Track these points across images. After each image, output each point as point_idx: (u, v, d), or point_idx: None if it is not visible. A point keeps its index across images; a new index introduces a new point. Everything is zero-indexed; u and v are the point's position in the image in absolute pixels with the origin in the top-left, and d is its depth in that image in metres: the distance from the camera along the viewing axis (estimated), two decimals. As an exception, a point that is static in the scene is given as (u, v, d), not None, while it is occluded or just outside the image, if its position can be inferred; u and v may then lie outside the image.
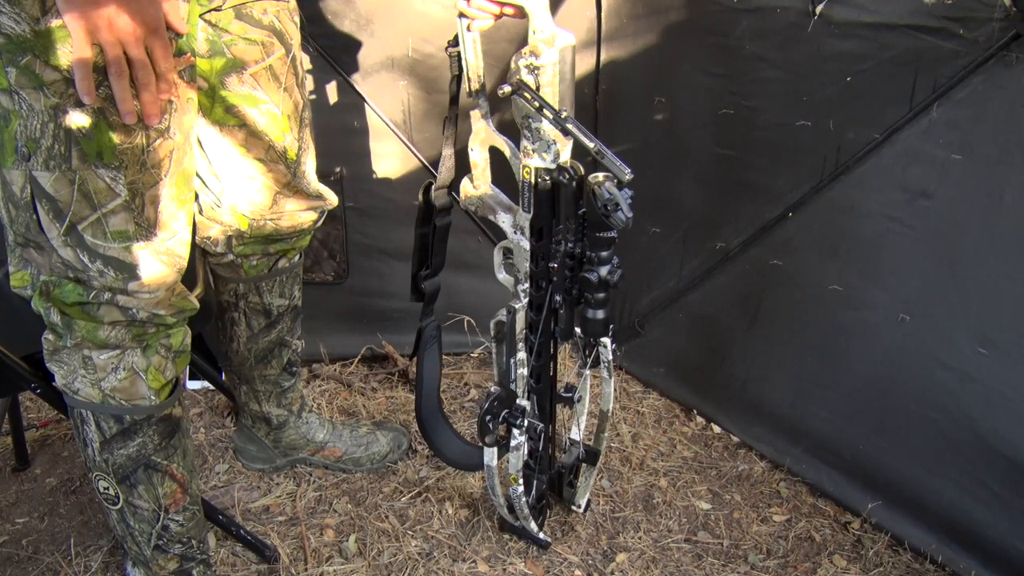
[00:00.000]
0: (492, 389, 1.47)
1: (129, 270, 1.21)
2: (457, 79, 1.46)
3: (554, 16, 2.01)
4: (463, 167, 1.52)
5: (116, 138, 1.13)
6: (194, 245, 1.32)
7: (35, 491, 1.90)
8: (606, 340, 1.56)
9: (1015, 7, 1.36)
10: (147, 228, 1.21)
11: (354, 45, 2.01)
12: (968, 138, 1.52)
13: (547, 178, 1.37)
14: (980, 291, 1.56)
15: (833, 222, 1.77)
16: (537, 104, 1.28)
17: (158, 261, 1.24)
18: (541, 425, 1.59)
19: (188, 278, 1.34)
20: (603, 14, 2.02)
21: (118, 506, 1.41)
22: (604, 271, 1.38)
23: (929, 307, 1.64)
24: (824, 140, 1.72)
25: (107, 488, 1.39)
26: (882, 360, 1.73)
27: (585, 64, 2.09)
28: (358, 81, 2.06)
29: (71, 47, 1.05)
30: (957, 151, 1.54)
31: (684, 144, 2.01)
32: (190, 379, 2.23)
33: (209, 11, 1.34)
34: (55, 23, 1.04)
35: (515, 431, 1.52)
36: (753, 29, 1.76)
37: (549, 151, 1.35)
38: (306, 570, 1.67)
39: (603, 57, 2.07)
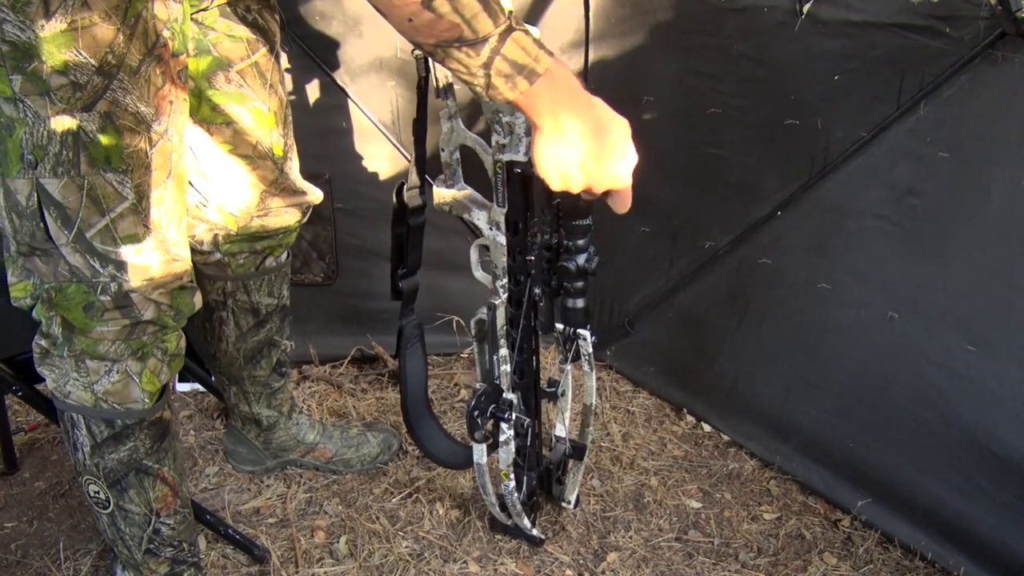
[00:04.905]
0: (478, 386, 1.47)
1: (142, 273, 1.22)
2: (424, 80, 1.47)
3: (541, 17, 2.04)
4: (436, 168, 1.53)
5: (123, 141, 1.13)
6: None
7: (24, 495, 1.89)
8: (585, 333, 1.55)
9: (1000, 6, 1.37)
10: (154, 230, 1.22)
11: (342, 46, 2.01)
12: (955, 136, 1.53)
13: (519, 171, 1.37)
14: (968, 288, 1.56)
15: (821, 220, 1.77)
16: None
17: (171, 260, 1.25)
18: (528, 420, 1.59)
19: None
20: (591, 14, 2.02)
21: (108, 510, 1.40)
22: (582, 259, 1.38)
23: (917, 305, 1.64)
24: (812, 139, 1.72)
25: (97, 492, 1.38)
26: (871, 358, 1.74)
27: (573, 64, 2.08)
28: (346, 82, 2.05)
29: (74, 50, 1.05)
30: (944, 149, 1.54)
31: (672, 143, 2.01)
32: (180, 381, 2.22)
33: (197, 11, 1.35)
34: (61, 27, 1.04)
35: (503, 425, 1.52)
36: (740, 28, 1.77)
37: (520, 144, 1.35)
38: (297, 572, 1.67)
39: (591, 57, 2.07)
